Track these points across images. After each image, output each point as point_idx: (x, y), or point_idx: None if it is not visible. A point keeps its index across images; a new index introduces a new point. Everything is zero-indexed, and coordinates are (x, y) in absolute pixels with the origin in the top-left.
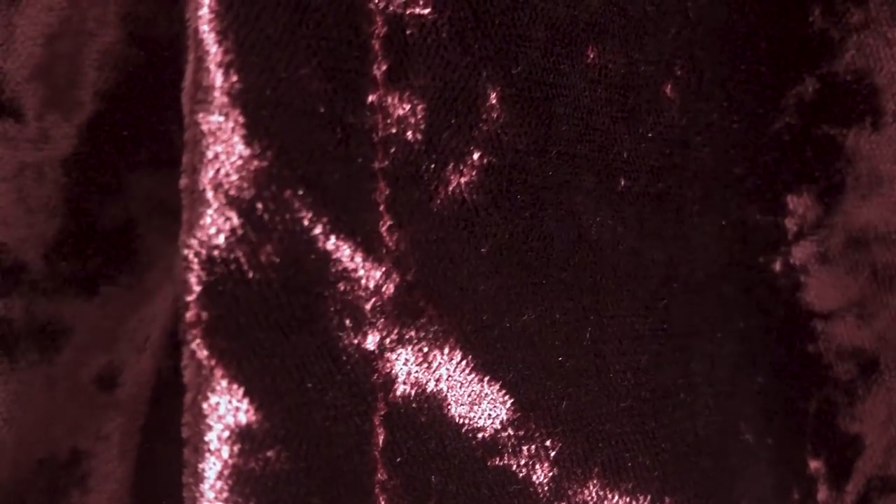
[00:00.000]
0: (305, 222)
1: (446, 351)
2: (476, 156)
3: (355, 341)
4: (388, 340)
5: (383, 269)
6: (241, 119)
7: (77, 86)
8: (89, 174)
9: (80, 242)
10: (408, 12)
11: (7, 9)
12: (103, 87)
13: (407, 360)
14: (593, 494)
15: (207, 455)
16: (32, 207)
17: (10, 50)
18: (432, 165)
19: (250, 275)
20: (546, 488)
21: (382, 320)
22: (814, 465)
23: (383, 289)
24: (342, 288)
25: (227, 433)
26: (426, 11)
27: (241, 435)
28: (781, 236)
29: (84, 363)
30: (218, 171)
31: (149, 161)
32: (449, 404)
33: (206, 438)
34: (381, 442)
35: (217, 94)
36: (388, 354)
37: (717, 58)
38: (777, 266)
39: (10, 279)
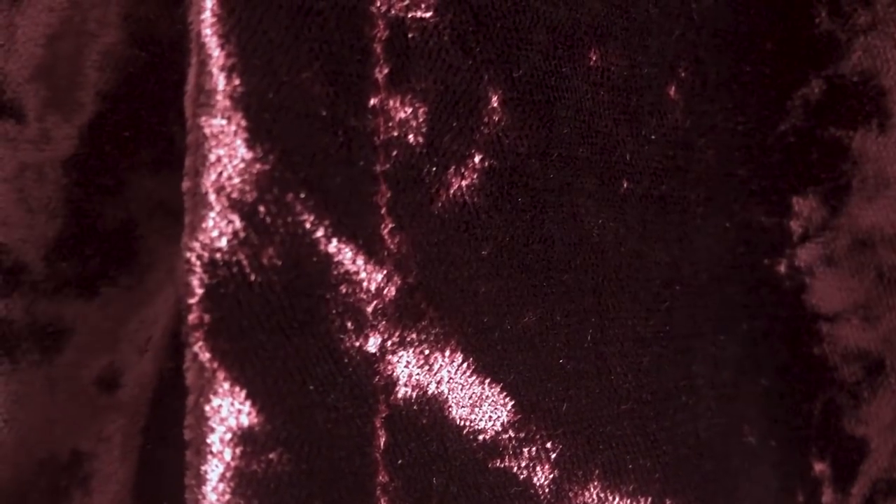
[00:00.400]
0: (307, 225)
1: (447, 353)
2: (477, 159)
3: (357, 343)
4: (389, 343)
5: (385, 271)
6: (243, 122)
7: (78, 87)
8: (90, 175)
9: (81, 243)
10: (409, 16)
11: (8, 9)
12: (104, 88)
13: (408, 362)
14: (594, 496)
15: (209, 457)
16: (33, 208)
17: (12, 51)
18: (434, 168)
19: (252, 277)
20: (547, 490)
21: (384, 323)
22: (818, 467)
23: (385, 291)
24: (344, 290)
25: (229, 435)
26: (428, 15)
27: (244, 437)
28: (786, 238)
29: (85, 364)
30: (220, 174)
31: (149, 162)
32: (450, 406)
33: (209, 440)
34: (382, 444)
35: (219, 97)
36: (389, 357)
37: (722, 59)
38: (782, 268)
39: (10, 280)
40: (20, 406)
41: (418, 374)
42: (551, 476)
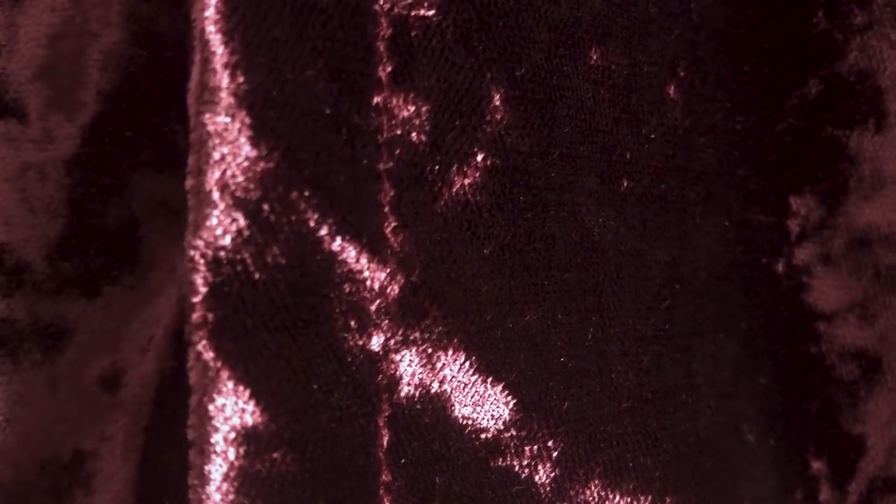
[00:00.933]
0: (311, 223)
1: (450, 352)
2: (480, 157)
3: (360, 342)
4: (392, 342)
5: (388, 270)
6: (247, 120)
7: (80, 86)
8: (92, 174)
9: (83, 243)
10: (412, 14)
11: (10, 9)
12: (106, 88)
13: (411, 361)
14: (595, 495)
15: (213, 457)
16: (35, 208)
17: (14, 50)
18: (437, 167)
19: (256, 276)
20: (548, 489)
21: (387, 321)
22: (816, 465)
23: (388, 290)
24: (348, 289)
25: (233, 435)
26: (431, 13)
27: (247, 437)
28: (784, 237)
29: (87, 364)
30: (224, 172)
31: (151, 161)
32: (452, 405)
33: (212, 440)
34: (385, 443)
35: (223, 95)
36: (392, 356)
37: (721, 59)
38: (780, 267)
39: (13, 280)
40: (22, 406)
41: (421, 372)
42: (552, 475)
